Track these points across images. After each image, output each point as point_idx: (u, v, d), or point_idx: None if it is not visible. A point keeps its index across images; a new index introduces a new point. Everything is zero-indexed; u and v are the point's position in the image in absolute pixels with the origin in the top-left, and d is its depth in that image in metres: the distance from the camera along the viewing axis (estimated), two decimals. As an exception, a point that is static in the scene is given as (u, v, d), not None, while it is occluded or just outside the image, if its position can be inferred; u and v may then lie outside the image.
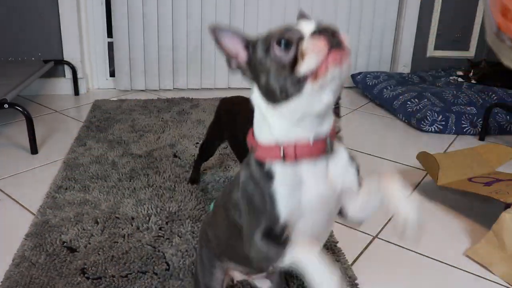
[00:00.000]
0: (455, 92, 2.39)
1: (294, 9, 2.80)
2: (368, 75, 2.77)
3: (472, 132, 2.16)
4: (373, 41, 3.01)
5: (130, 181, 1.51)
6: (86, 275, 1.04)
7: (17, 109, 1.70)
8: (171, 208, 1.33)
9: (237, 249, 0.71)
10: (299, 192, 0.61)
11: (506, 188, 1.32)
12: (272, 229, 0.61)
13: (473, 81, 2.69)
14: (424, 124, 2.16)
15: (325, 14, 2.85)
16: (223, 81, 2.83)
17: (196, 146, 1.83)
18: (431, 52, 3.17)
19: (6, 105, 1.68)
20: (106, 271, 1.05)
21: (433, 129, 2.16)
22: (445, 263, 1.16)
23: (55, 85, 2.59)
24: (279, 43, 0.55)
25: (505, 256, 1.13)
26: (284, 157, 0.60)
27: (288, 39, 0.54)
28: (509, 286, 1.08)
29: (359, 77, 2.82)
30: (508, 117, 2.17)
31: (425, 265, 1.15)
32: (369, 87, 2.69)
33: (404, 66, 3.12)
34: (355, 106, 2.61)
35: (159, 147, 1.81)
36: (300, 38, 0.54)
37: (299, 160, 0.61)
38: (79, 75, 2.57)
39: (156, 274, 1.05)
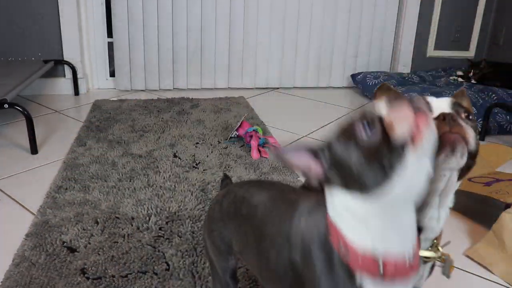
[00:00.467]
0: (455, 92, 2.39)
1: (295, 9, 2.81)
2: (368, 75, 2.77)
3: (472, 132, 2.15)
4: (373, 41, 3.01)
5: (130, 181, 1.51)
6: (86, 275, 1.04)
7: (17, 109, 1.70)
8: (171, 208, 1.33)
9: (261, 273, 0.67)
10: None
11: (506, 188, 1.32)
12: None
13: (473, 81, 2.69)
14: (424, 124, 2.16)
15: (325, 14, 2.85)
16: (223, 81, 2.83)
17: (196, 146, 1.83)
18: (431, 52, 3.17)
19: (6, 105, 1.68)
20: (106, 271, 1.05)
21: (433, 129, 2.16)
22: (445, 263, 1.16)
23: (55, 85, 2.59)
24: (362, 124, 0.48)
25: (505, 256, 1.13)
26: (383, 274, 0.50)
27: (369, 119, 0.48)
28: (509, 286, 1.08)
29: (359, 77, 2.82)
30: (508, 117, 2.17)
31: (425, 265, 1.15)
32: (369, 87, 2.69)
33: (404, 66, 3.12)
34: (355, 106, 2.61)
35: (159, 147, 1.81)
36: (379, 116, 0.48)
37: (395, 280, 0.51)
38: (79, 75, 2.57)
39: (156, 274, 1.05)
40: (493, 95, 2.38)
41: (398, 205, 0.50)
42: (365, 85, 2.74)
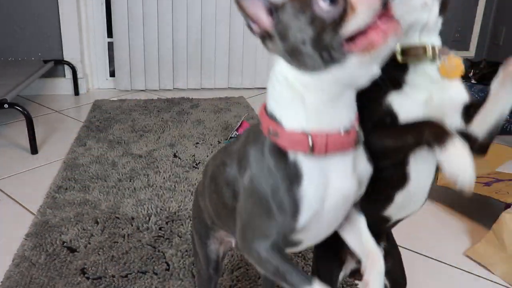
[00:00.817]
0: None
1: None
2: (368, 75, 2.77)
3: (472, 132, 2.16)
4: (373, 41, 3.01)
5: (130, 181, 1.51)
6: (86, 275, 1.04)
7: (17, 109, 1.70)
8: (171, 208, 1.33)
9: (228, 223, 0.66)
10: (324, 194, 0.53)
11: (506, 188, 1.32)
12: (283, 238, 0.54)
13: (473, 81, 2.69)
14: (424, 124, 2.16)
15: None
16: (223, 81, 2.83)
17: (196, 146, 1.83)
18: (431, 52, 3.17)
19: (6, 105, 1.68)
20: (106, 271, 1.05)
21: (433, 129, 2.16)
22: (445, 263, 1.16)
23: (55, 85, 2.59)
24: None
25: (505, 256, 1.13)
26: (313, 148, 0.51)
27: None
28: (509, 286, 1.08)
29: (359, 77, 2.82)
30: (508, 117, 2.17)
31: (425, 264, 1.15)
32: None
33: (404, 66, 3.11)
34: (355, 106, 2.61)
35: (159, 147, 1.81)
36: None
37: (329, 154, 0.52)
38: (79, 75, 2.57)
39: (156, 274, 1.05)
40: (493, 95, 2.38)
41: (336, 88, 0.50)
42: (365, 85, 2.74)
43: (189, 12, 2.63)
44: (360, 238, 0.62)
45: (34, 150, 1.74)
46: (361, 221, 0.62)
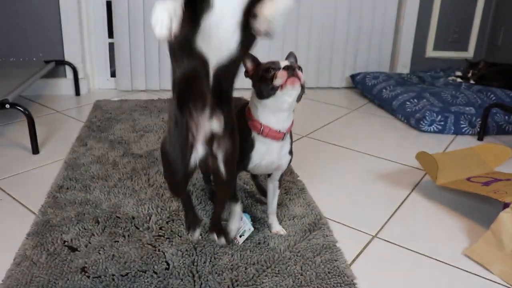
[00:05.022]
0: (454, 92, 2.40)
1: (294, 10, 2.81)
2: (368, 76, 2.78)
3: (470, 132, 2.17)
4: (373, 42, 3.02)
5: (131, 181, 1.52)
6: (86, 274, 1.04)
7: (19, 109, 1.71)
8: (171, 208, 1.34)
9: None
10: (262, 157, 1.10)
11: (504, 187, 1.33)
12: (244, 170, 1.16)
13: (471, 82, 2.70)
14: (423, 124, 2.17)
15: (325, 14, 2.86)
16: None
17: (196, 146, 1.83)
18: (430, 52, 3.18)
19: (7, 105, 1.69)
20: (106, 270, 1.06)
21: (432, 129, 2.17)
22: (444, 263, 1.17)
23: (56, 86, 2.60)
24: (267, 69, 1.03)
25: (503, 256, 1.14)
26: (261, 132, 1.06)
27: (271, 69, 1.03)
28: (508, 285, 1.09)
29: (358, 77, 2.83)
30: (506, 117, 2.18)
31: (424, 264, 1.16)
32: (368, 88, 2.70)
33: (403, 66, 3.13)
34: (354, 106, 2.62)
35: (160, 147, 1.82)
36: (278, 69, 1.02)
37: (267, 137, 1.07)
38: (80, 75, 2.58)
39: (156, 273, 1.05)
40: (492, 95, 2.39)
41: (272, 107, 1.05)
42: (364, 85, 2.75)
43: (189, 12, 2.64)
44: (272, 200, 1.24)
45: (35, 150, 1.75)
46: (276, 192, 1.23)
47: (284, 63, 1.03)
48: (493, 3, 3.16)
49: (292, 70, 0.99)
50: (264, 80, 1.02)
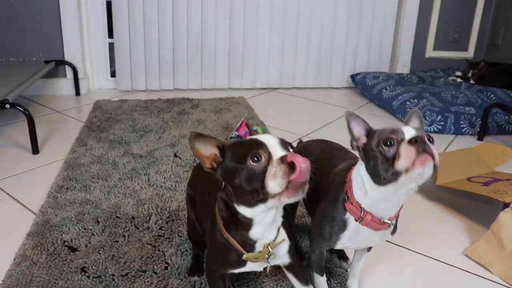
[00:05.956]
0: (454, 92, 2.40)
1: (295, 10, 2.82)
2: (368, 76, 2.78)
3: (470, 132, 2.16)
4: (373, 42, 3.02)
5: (131, 180, 1.52)
6: (86, 274, 1.04)
7: (19, 109, 1.71)
8: (171, 208, 1.34)
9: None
10: (354, 241, 0.87)
11: (505, 187, 1.33)
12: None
13: (471, 82, 2.70)
14: (423, 124, 2.17)
15: (325, 15, 2.86)
16: (223, 81, 2.84)
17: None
18: (430, 52, 3.18)
19: (7, 105, 1.69)
20: (106, 270, 1.06)
21: (432, 129, 2.17)
22: (445, 263, 1.16)
23: (56, 86, 2.60)
24: (385, 142, 0.73)
25: (504, 256, 1.13)
26: (361, 220, 0.81)
27: (392, 141, 0.73)
28: (508, 285, 1.09)
29: (358, 77, 2.83)
30: (506, 117, 2.18)
31: (424, 264, 1.16)
32: (368, 87, 2.70)
33: (403, 66, 3.12)
34: (354, 106, 2.62)
35: (160, 147, 1.82)
36: (401, 141, 0.72)
37: (366, 226, 0.82)
38: (80, 75, 2.58)
39: (155, 273, 1.05)
40: (492, 95, 2.39)
41: (388, 195, 0.78)
42: (364, 85, 2.75)
43: (189, 12, 2.64)
44: (358, 263, 1.01)
45: (35, 150, 1.75)
46: (364, 254, 1.00)
47: (407, 130, 0.74)
48: (493, 3, 3.16)
49: (422, 144, 0.70)
50: (383, 157, 0.73)
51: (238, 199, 0.72)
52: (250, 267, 0.81)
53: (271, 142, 0.70)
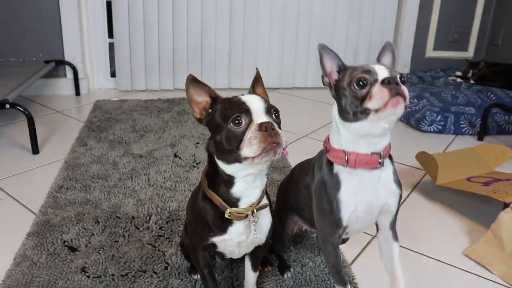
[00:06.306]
0: (454, 92, 2.40)
1: (295, 9, 2.81)
2: (368, 76, 2.77)
3: (470, 132, 2.16)
4: (373, 42, 3.01)
5: (131, 180, 1.52)
6: (86, 274, 1.04)
7: (19, 109, 1.71)
8: (171, 208, 1.34)
9: (303, 213, 0.95)
10: (356, 200, 0.78)
11: (504, 187, 1.33)
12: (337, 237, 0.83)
13: (471, 82, 2.70)
14: (423, 124, 2.17)
15: (325, 15, 2.86)
16: (223, 81, 2.84)
17: (196, 146, 1.84)
18: (430, 52, 3.17)
19: (7, 105, 1.69)
20: (106, 270, 1.06)
21: (432, 129, 2.16)
22: (444, 263, 1.16)
23: (56, 86, 2.60)
24: (358, 82, 0.72)
25: (504, 255, 1.13)
26: (347, 162, 0.76)
27: (365, 80, 0.71)
28: (508, 285, 1.09)
29: (358, 77, 2.83)
30: (506, 117, 2.18)
31: (424, 264, 1.16)
32: (368, 88, 2.70)
33: (403, 66, 3.12)
34: (354, 106, 2.62)
35: (160, 147, 1.82)
36: (374, 81, 0.71)
37: (358, 167, 0.76)
38: (80, 75, 2.58)
39: (155, 273, 1.05)
40: (492, 95, 2.39)
41: (360, 133, 0.75)
42: (364, 85, 2.75)
43: (189, 12, 2.64)
44: (391, 262, 0.88)
45: (35, 150, 1.75)
46: (394, 248, 0.89)
47: (380, 70, 0.72)
48: (493, 3, 3.16)
49: (394, 85, 0.69)
50: (354, 96, 0.72)
51: (217, 153, 0.76)
52: (231, 234, 0.81)
53: (256, 107, 0.73)
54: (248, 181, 0.77)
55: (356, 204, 0.78)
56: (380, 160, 0.76)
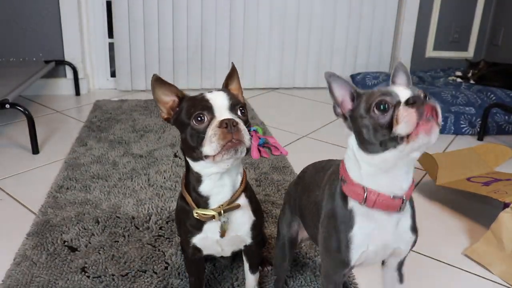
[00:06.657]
0: (454, 92, 2.40)
1: (295, 10, 2.81)
2: (368, 75, 2.78)
3: (470, 132, 2.16)
4: (373, 42, 3.01)
5: (131, 180, 1.52)
6: (86, 274, 1.04)
7: (19, 109, 1.71)
8: (171, 208, 1.34)
9: (308, 228, 0.86)
10: (369, 240, 0.69)
11: (505, 187, 1.32)
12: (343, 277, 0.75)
13: (471, 82, 2.70)
14: (423, 124, 2.17)
15: (325, 15, 2.86)
16: (223, 81, 2.83)
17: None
18: (430, 52, 3.17)
19: (7, 105, 1.69)
20: (106, 270, 1.06)
21: (432, 129, 2.16)
22: (444, 262, 1.16)
23: (56, 86, 2.60)
24: (378, 107, 0.61)
25: (504, 255, 1.13)
26: (365, 201, 0.66)
27: (386, 104, 0.61)
28: (508, 285, 1.09)
29: (358, 77, 2.83)
30: (506, 117, 2.18)
31: (424, 264, 1.16)
32: (368, 88, 2.70)
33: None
34: (354, 106, 2.62)
35: (160, 147, 1.82)
36: (397, 104, 0.60)
37: (376, 208, 0.67)
38: (80, 75, 2.58)
39: (155, 273, 1.05)
40: (492, 95, 2.39)
41: (387, 165, 0.64)
42: (364, 85, 2.75)
43: (189, 12, 2.64)
44: None
45: (35, 150, 1.75)
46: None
47: (400, 90, 0.62)
48: (493, 3, 3.16)
49: (421, 104, 0.58)
50: (376, 124, 0.61)
51: (185, 151, 0.76)
52: (206, 232, 0.80)
53: (219, 103, 0.71)
54: (214, 179, 0.76)
55: (368, 244, 0.69)
56: (401, 206, 0.67)
